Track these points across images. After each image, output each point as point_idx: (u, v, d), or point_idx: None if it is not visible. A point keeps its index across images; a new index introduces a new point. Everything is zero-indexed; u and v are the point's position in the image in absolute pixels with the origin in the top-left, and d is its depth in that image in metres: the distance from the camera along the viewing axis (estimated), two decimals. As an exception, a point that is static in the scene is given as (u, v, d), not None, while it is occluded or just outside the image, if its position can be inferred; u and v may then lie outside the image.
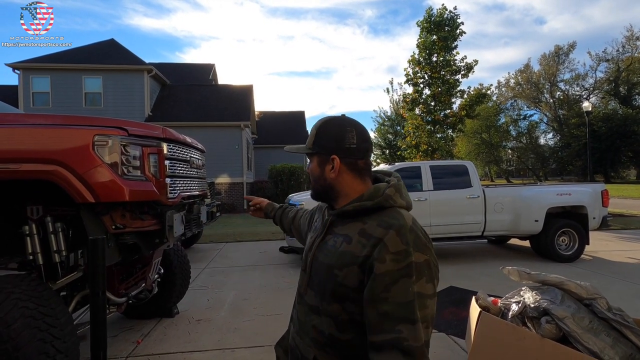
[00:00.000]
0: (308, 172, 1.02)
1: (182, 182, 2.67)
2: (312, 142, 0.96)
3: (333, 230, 0.95)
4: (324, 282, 0.89)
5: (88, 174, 1.96)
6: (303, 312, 0.96)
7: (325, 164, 0.95)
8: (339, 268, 0.86)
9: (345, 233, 0.90)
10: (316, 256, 0.95)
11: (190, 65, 24.31)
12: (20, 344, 1.70)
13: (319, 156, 0.96)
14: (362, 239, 0.85)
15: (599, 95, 37.71)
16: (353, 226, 0.90)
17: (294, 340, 0.99)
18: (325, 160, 0.95)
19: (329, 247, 0.92)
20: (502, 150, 42.71)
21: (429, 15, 14.58)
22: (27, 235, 2.11)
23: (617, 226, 9.05)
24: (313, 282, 0.95)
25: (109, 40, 17.89)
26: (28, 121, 2.28)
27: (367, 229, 0.86)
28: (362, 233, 0.86)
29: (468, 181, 5.91)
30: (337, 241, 0.91)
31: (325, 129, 0.95)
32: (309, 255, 0.99)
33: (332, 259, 0.89)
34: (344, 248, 0.87)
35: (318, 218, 1.10)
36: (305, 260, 1.01)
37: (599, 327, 1.74)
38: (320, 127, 0.96)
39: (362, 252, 0.83)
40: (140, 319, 3.59)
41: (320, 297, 0.90)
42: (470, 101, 14.25)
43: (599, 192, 5.97)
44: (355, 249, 0.85)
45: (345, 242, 0.88)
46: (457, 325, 3.31)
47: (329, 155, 0.94)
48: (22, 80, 15.27)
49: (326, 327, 0.89)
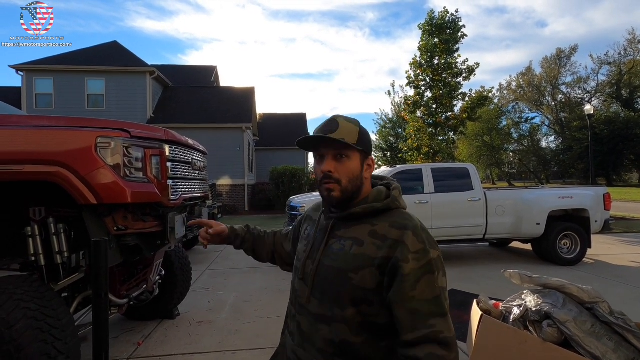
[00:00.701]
0: (327, 170, 0.90)
1: (184, 184, 2.68)
2: (358, 138, 0.90)
3: (335, 234, 0.93)
4: (337, 287, 0.87)
5: (90, 176, 1.97)
6: (307, 323, 0.92)
7: (363, 165, 0.93)
8: (354, 271, 0.85)
9: (353, 236, 0.89)
10: (321, 262, 0.91)
11: (193, 67, 24.40)
12: (22, 345, 1.71)
13: (361, 155, 0.92)
14: (375, 240, 0.85)
15: (601, 98, 37.64)
16: (360, 229, 0.89)
17: (295, 353, 0.94)
18: (364, 159, 0.93)
19: (336, 251, 0.90)
20: (503, 153, 42.62)
21: (430, 18, 14.61)
22: (30, 236, 2.12)
23: (619, 229, 9.02)
24: (317, 290, 0.91)
25: (111, 43, 17.97)
26: (31, 123, 2.30)
27: (379, 230, 0.87)
28: (374, 235, 0.87)
29: (469, 184, 5.90)
30: (345, 245, 0.89)
31: (363, 129, 0.94)
32: (308, 264, 0.95)
33: (343, 263, 0.87)
34: (355, 251, 0.87)
35: (309, 226, 1.05)
36: (302, 269, 0.96)
37: (601, 331, 1.74)
38: (361, 127, 0.94)
39: (379, 254, 0.84)
40: (141, 321, 3.59)
41: (332, 303, 0.87)
42: (472, 104, 14.24)
43: (601, 195, 5.95)
44: (369, 251, 0.85)
45: (356, 244, 0.87)
46: (458, 328, 3.28)
47: (368, 155, 0.95)
48: (25, 81, 15.35)
49: (338, 335, 0.86)
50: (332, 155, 0.90)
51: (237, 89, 19.44)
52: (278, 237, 1.26)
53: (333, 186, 0.90)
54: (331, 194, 0.90)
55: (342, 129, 0.89)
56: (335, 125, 0.90)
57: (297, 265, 1.00)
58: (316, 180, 0.96)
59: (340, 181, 0.89)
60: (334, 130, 0.89)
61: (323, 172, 0.90)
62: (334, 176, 0.89)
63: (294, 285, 1.00)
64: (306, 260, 0.96)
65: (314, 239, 0.98)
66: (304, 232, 1.06)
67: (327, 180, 0.90)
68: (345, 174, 0.89)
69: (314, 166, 0.98)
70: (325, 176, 0.90)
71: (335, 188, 0.90)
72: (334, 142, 0.88)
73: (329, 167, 0.89)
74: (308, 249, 0.97)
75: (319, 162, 0.93)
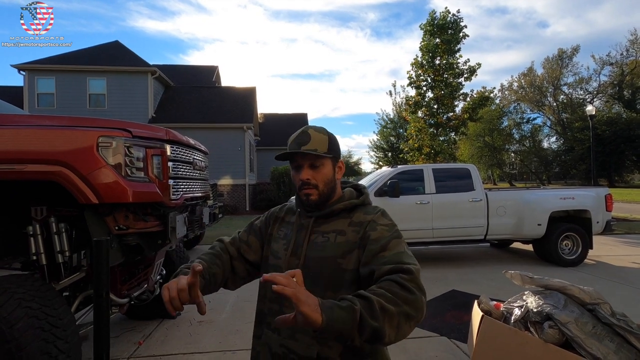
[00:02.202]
0: (305, 178, 1.00)
1: (185, 183, 2.68)
2: (328, 147, 1.02)
3: (316, 230, 1.03)
4: (328, 273, 0.96)
5: (92, 175, 1.97)
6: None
7: (335, 168, 1.06)
8: (342, 257, 0.96)
9: (334, 229, 1.02)
10: (307, 256, 1.00)
11: (194, 67, 24.43)
12: (23, 343, 1.71)
13: (332, 161, 1.05)
14: (354, 227, 1.00)
15: (603, 99, 37.56)
16: (340, 222, 1.03)
17: (285, 346, 0.96)
18: (335, 164, 1.06)
19: (321, 243, 1.00)
20: (505, 154, 42.60)
21: (432, 18, 14.60)
22: (31, 235, 2.13)
23: (621, 230, 8.99)
24: (307, 282, 0.91)
25: (113, 42, 17.99)
26: (33, 122, 2.30)
27: (355, 219, 1.02)
28: (352, 224, 1.01)
29: (470, 184, 5.89)
30: (329, 237, 1.01)
31: (332, 136, 1.05)
32: (292, 260, 1.01)
33: (331, 252, 0.98)
34: (339, 240, 0.99)
35: (283, 227, 1.11)
36: (287, 266, 1.00)
37: (602, 333, 1.73)
38: (330, 134, 1.05)
39: (358, 236, 0.97)
40: (142, 320, 3.59)
41: (325, 288, 0.94)
42: (473, 104, 14.23)
43: (602, 196, 5.93)
44: (350, 237, 0.98)
45: (339, 235, 1.00)
46: (459, 329, 3.29)
47: (338, 159, 1.08)
48: (27, 81, 15.39)
49: None
50: (307, 164, 1.01)
51: (238, 89, 19.46)
52: (236, 251, 1.13)
53: (311, 191, 1.01)
54: (310, 198, 1.02)
55: (314, 140, 1.00)
56: (307, 137, 1.00)
57: (277, 264, 1.04)
58: (295, 186, 1.07)
59: (317, 186, 1.01)
60: (307, 142, 0.99)
61: (301, 180, 1.02)
62: (311, 182, 1.01)
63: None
64: (290, 257, 1.02)
65: (295, 238, 1.05)
66: (277, 232, 1.12)
67: (306, 187, 1.01)
68: (321, 179, 1.02)
69: (292, 175, 1.08)
70: (304, 183, 1.01)
71: (313, 193, 1.01)
72: (309, 154, 0.99)
73: (307, 175, 1.01)
74: (290, 247, 1.04)
75: (296, 171, 1.04)
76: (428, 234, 5.69)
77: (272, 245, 1.10)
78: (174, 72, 20.61)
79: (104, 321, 1.34)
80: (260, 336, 1.05)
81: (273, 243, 1.10)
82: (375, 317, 0.71)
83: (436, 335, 3.21)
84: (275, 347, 0.98)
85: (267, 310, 1.05)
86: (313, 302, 0.69)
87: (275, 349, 0.98)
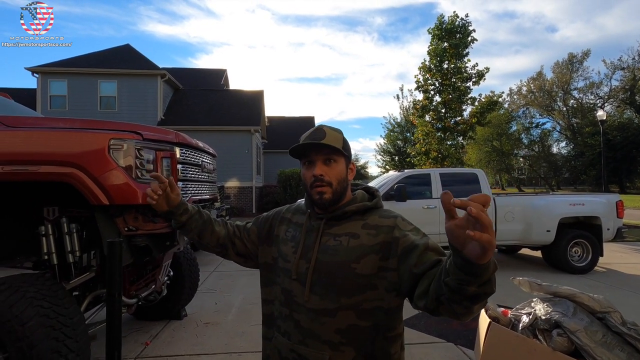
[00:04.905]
0: (319, 174, 0.97)
1: (194, 186, 2.71)
2: (342, 145, 1.00)
3: (327, 232, 0.99)
4: (341, 278, 0.92)
5: (103, 177, 2.00)
6: (307, 320, 0.94)
7: (347, 169, 1.03)
8: (356, 261, 0.92)
9: (347, 232, 0.97)
10: (319, 260, 0.96)
11: (203, 70, 24.68)
12: (34, 342, 1.74)
13: (346, 159, 1.03)
14: (370, 231, 0.96)
15: (614, 103, 37.00)
16: (352, 225, 0.99)
17: (295, 351, 0.95)
18: (348, 164, 1.04)
19: (333, 247, 0.96)
20: (513, 159, 42.12)
21: (440, 22, 14.58)
22: (43, 235, 2.16)
23: (632, 238, 8.83)
24: (318, 286, 0.94)
25: (124, 46, 18.28)
26: (46, 124, 2.35)
27: (370, 222, 0.98)
28: (367, 226, 0.97)
29: (478, 189, 5.84)
30: (341, 240, 0.96)
31: (344, 137, 1.04)
32: (302, 264, 0.97)
33: (344, 256, 0.94)
34: (352, 243, 0.95)
35: (290, 229, 1.08)
36: (295, 270, 0.98)
37: (612, 342, 1.71)
38: (343, 135, 1.04)
39: (375, 241, 0.93)
40: (149, 321, 3.62)
41: (337, 294, 0.92)
42: (481, 108, 14.14)
43: (613, 202, 5.84)
44: (365, 240, 0.94)
45: (352, 238, 0.96)
46: (466, 335, 3.26)
47: (350, 160, 1.05)
48: (40, 83, 15.69)
49: (344, 322, 0.90)
50: (321, 160, 0.98)
51: (246, 92, 19.61)
52: (242, 232, 1.18)
53: (325, 189, 0.97)
54: (323, 197, 0.97)
55: (329, 137, 0.98)
56: (322, 133, 0.98)
57: (286, 267, 1.02)
58: (305, 185, 1.02)
59: (331, 184, 0.98)
60: (322, 137, 0.97)
61: (314, 175, 0.97)
62: (325, 179, 0.97)
63: (285, 286, 1.01)
64: (299, 261, 0.99)
65: (304, 240, 1.01)
66: (284, 234, 1.08)
67: (318, 184, 0.97)
68: (335, 176, 0.98)
69: (302, 173, 1.03)
70: (317, 179, 0.97)
71: (327, 191, 0.97)
72: (325, 148, 0.96)
73: (320, 171, 0.97)
74: (299, 250, 1.00)
75: (308, 167, 1.00)
76: (435, 239, 5.63)
77: (280, 248, 1.07)
78: (183, 75, 20.85)
79: (116, 321, 1.36)
80: (270, 338, 1.05)
81: (282, 245, 1.07)
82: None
83: (443, 341, 3.18)
84: (286, 352, 0.97)
85: (277, 313, 1.04)
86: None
87: (285, 353, 0.97)
